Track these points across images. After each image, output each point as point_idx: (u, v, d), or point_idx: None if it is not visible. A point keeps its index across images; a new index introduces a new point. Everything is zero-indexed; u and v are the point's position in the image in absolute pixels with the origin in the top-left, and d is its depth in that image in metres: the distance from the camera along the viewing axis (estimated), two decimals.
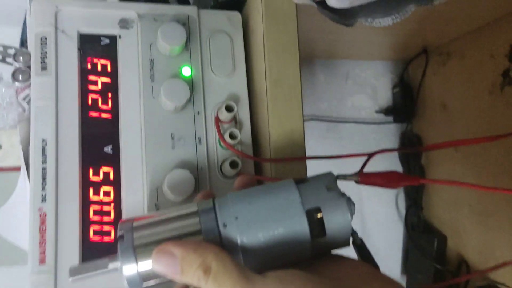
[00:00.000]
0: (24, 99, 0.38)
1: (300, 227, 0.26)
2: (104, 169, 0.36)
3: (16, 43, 0.79)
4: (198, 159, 0.38)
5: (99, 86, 0.38)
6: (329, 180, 0.28)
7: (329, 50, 0.85)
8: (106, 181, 0.36)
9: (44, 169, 0.35)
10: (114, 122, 0.37)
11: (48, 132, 0.35)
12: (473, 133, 0.71)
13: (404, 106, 0.88)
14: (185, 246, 0.26)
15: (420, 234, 0.83)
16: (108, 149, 0.37)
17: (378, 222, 0.87)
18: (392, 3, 0.40)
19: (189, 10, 0.40)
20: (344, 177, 0.31)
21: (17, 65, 0.38)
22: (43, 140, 0.35)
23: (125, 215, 0.36)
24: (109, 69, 0.38)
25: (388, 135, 0.91)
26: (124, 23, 0.39)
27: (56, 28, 0.37)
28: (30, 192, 0.34)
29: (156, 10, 0.39)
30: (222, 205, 0.27)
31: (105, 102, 0.38)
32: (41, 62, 0.36)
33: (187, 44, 0.39)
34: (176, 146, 0.37)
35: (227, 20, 0.41)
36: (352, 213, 0.27)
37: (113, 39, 0.39)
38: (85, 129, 0.37)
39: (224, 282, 0.25)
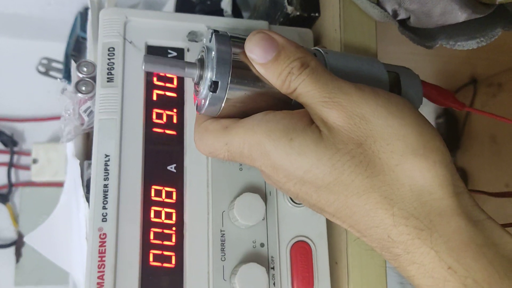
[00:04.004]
0: (85, 111, 0.36)
1: (381, 76, 0.30)
2: (167, 189, 0.34)
3: (59, 57, 0.78)
4: (266, 183, 0.35)
5: (165, 101, 0.36)
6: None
7: None
8: (168, 202, 0.34)
9: (106, 186, 0.32)
10: (179, 139, 0.35)
11: (111, 147, 0.33)
12: None
13: (448, 137, 0.85)
14: (288, 39, 0.27)
15: None
16: (171, 168, 0.34)
17: None
18: (477, 26, 0.38)
19: (260, 25, 0.38)
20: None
21: (79, 75, 0.36)
22: (106, 156, 0.33)
23: (187, 240, 0.33)
24: (175, 83, 0.36)
25: None
26: (193, 36, 0.37)
27: (124, 38, 0.35)
28: (90, 211, 0.32)
29: (227, 24, 0.37)
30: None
31: (170, 117, 0.35)
32: (108, 73, 0.34)
33: None
34: (244, 167, 0.35)
35: (298, 38, 0.39)
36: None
37: (180, 52, 0.37)
38: (148, 145, 0.34)
39: (322, 76, 0.25)
